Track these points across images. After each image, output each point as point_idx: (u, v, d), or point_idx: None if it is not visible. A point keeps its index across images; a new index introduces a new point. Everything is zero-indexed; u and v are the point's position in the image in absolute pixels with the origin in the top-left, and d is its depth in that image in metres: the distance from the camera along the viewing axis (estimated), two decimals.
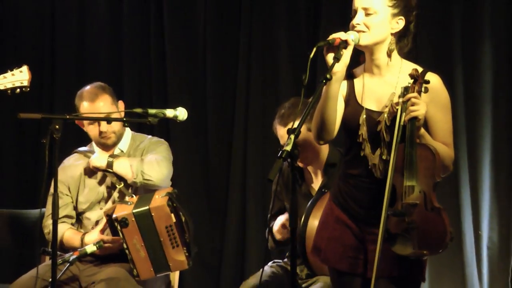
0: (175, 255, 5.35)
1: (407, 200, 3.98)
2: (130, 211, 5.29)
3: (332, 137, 4.23)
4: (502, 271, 6.48)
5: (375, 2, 4.13)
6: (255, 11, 7.25)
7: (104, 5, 7.67)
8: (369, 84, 4.23)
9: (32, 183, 7.45)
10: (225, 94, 7.36)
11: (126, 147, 5.76)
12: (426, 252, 4.00)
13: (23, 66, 5.52)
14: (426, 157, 4.02)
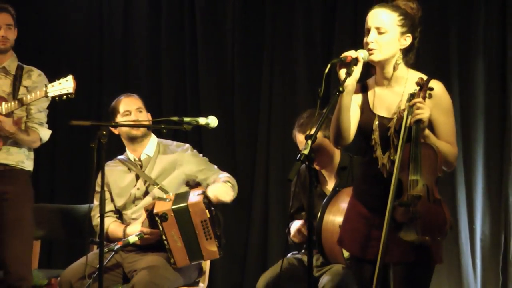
0: (208, 246, 5.38)
1: (412, 192, 4.01)
2: (169, 207, 5.31)
3: (348, 142, 4.27)
4: (494, 261, 6.47)
5: (386, 22, 4.15)
6: (277, 32, 7.26)
7: (145, 24, 7.69)
8: (380, 94, 4.26)
9: (82, 182, 7.45)
10: (250, 104, 7.37)
11: (152, 152, 5.78)
12: (428, 238, 4.03)
13: (69, 75, 5.57)
14: (429, 155, 4.06)
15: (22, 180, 5.98)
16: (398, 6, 4.20)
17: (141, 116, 5.72)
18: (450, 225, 4.09)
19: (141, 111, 5.73)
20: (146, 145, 5.74)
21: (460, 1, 6.64)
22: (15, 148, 5.92)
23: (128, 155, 5.82)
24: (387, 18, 4.16)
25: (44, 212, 6.56)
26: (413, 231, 4.02)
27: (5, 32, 5.97)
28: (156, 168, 5.72)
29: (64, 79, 5.56)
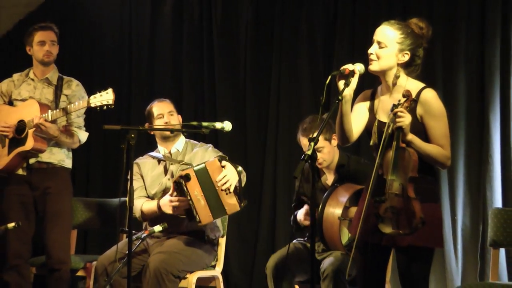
0: (228, 199, 5.31)
1: (389, 191, 4.03)
2: (191, 168, 5.31)
3: (352, 141, 4.30)
4: (473, 248, 6.46)
5: (387, 38, 4.15)
6: (284, 48, 7.27)
7: (168, 39, 7.70)
8: (383, 100, 4.27)
9: (113, 179, 7.48)
10: (260, 111, 7.37)
11: (181, 147, 5.77)
12: (401, 231, 4.04)
13: (109, 88, 5.58)
14: (404, 158, 4.05)
15: (63, 176, 6.01)
16: (404, 25, 4.20)
17: (172, 119, 5.72)
18: (420, 221, 4.03)
19: (172, 114, 5.73)
20: (176, 142, 5.75)
21: (444, 21, 6.64)
22: (57, 149, 5.95)
23: (159, 150, 5.82)
24: (389, 34, 4.16)
25: (80, 205, 6.59)
26: (389, 225, 4.05)
27: (50, 47, 6.00)
28: (185, 159, 5.72)
29: (105, 92, 5.56)
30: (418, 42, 4.21)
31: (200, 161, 5.62)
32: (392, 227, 4.03)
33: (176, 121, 5.73)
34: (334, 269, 5.08)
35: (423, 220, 4.04)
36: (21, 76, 6.13)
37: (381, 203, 4.03)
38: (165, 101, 5.82)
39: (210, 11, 7.52)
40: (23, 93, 6.03)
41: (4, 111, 6.02)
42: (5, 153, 5.89)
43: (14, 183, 5.96)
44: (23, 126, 5.81)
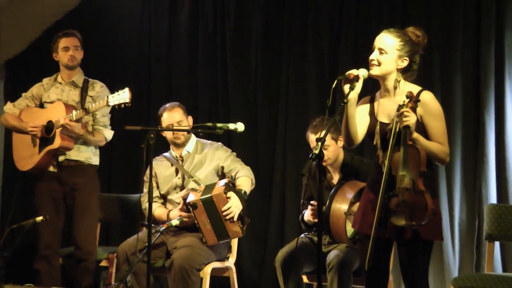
0: (232, 227, 5.41)
1: (400, 185, 4.04)
2: (198, 198, 5.36)
3: (357, 143, 4.32)
4: (469, 242, 6.44)
5: (387, 45, 4.18)
6: (292, 53, 7.26)
7: (185, 45, 7.69)
8: (383, 103, 4.29)
9: (133, 175, 7.47)
10: (270, 112, 7.35)
11: (191, 149, 5.80)
12: (414, 223, 4.04)
13: (126, 88, 5.60)
14: (414, 154, 4.07)
15: (90, 173, 6.04)
16: (403, 33, 4.23)
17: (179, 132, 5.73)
18: (432, 212, 4.06)
19: (181, 123, 5.74)
20: (187, 144, 5.77)
21: (442, 28, 6.63)
22: (84, 147, 5.98)
23: (171, 153, 5.85)
24: (389, 42, 4.19)
25: (103, 200, 6.59)
26: (402, 217, 4.05)
27: (73, 52, 6.03)
28: (194, 161, 5.76)
29: (122, 91, 5.59)
30: (415, 49, 4.24)
31: (210, 161, 5.70)
32: (405, 219, 4.04)
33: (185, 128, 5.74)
34: (339, 260, 5.09)
35: (434, 211, 4.08)
36: (50, 80, 6.17)
37: (393, 198, 4.04)
38: (175, 110, 5.79)
39: (224, 20, 7.52)
40: (52, 96, 6.07)
41: (35, 113, 6.07)
42: (36, 152, 5.94)
43: (45, 179, 6.00)
44: (51, 126, 5.86)
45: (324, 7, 7.15)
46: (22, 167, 6.07)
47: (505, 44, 6.43)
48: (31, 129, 5.91)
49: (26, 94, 6.18)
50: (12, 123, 6.10)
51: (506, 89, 6.40)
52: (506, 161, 6.37)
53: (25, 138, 6.03)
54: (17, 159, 6.13)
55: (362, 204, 4.36)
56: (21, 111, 6.11)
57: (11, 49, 8.41)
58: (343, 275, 5.08)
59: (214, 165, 5.73)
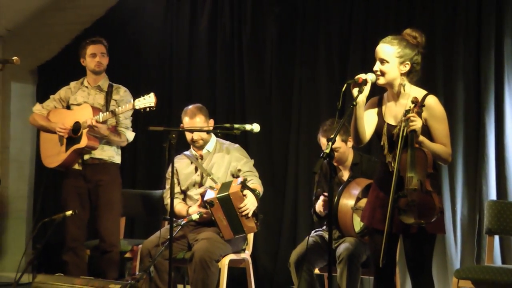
0: (247, 223, 5.43)
1: (409, 186, 4.03)
2: (215, 196, 5.38)
3: (365, 142, 4.32)
4: (470, 236, 6.43)
5: (387, 55, 4.18)
6: (304, 59, 7.25)
7: (204, 53, 7.70)
8: (390, 106, 4.29)
9: (157, 173, 7.50)
10: (284, 114, 7.35)
11: (211, 148, 5.82)
12: (423, 221, 4.04)
13: (151, 93, 5.63)
14: (421, 157, 4.07)
15: (113, 170, 6.06)
16: (400, 39, 4.21)
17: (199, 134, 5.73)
18: (439, 211, 4.08)
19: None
20: (207, 143, 5.77)
21: (444, 35, 6.61)
22: (108, 146, 6.00)
23: (191, 151, 5.86)
24: (388, 51, 4.18)
25: (128, 196, 6.62)
26: (411, 216, 4.05)
27: (100, 59, 6.05)
28: (213, 160, 5.76)
29: (148, 96, 5.61)
30: (415, 51, 4.22)
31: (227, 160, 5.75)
32: (414, 218, 4.03)
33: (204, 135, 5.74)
34: (348, 253, 5.09)
35: (441, 210, 4.10)
36: (77, 84, 6.19)
37: (401, 198, 4.03)
38: (196, 116, 5.76)
39: (241, 27, 7.52)
40: (79, 99, 6.09)
41: (62, 114, 6.09)
42: (63, 150, 5.96)
43: (71, 176, 6.03)
44: (78, 127, 5.88)
45: (334, 16, 7.14)
46: (48, 164, 6.11)
47: (504, 50, 6.41)
48: (59, 130, 5.94)
49: (54, 96, 6.21)
50: (40, 123, 6.13)
51: (505, 93, 6.38)
52: (505, 160, 6.36)
53: (52, 137, 6.05)
54: (44, 157, 6.16)
55: (371, 201, 4.36)
56: (49, 112, 6.15)
57: (43, 55, 8.45)
58: (352, 267, 5.08)
59: (232, 166, 5.73)
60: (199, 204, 5.59)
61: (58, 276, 4.29)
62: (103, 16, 8.16)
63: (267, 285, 7.21)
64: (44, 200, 7.43)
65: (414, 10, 6.78)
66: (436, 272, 6.42)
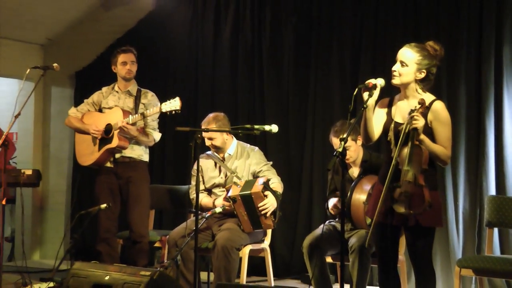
0: (266, 220, 5.44)
1: (404, 179, 4.05)
2: (237, 193, 5.37)
3: (374, 140, 4.33)
4: (471, 228, 6.39)
5: (408, 59, 4.18)
6: (319, 65, 7.24)
7: (227, 61, 7.69)
8: (400, 105, 4.28)
9: (183, 170, 7.51)
10: (300, 116, 7.34)
11: (232, 151, 5.77)
12: (412, 212, 4.07)
13: (177, 97, 5.62)
14: (418, 153, 4.08)
15: (142, 168, 6.06)
16: (422, 48, 4.22)
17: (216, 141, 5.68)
18: (428, 204, 4.08)
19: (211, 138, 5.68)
20: (228, 147, 5.75)
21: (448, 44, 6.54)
22: (137, 146, 6.01)
23: (214, 153, 5.83)
24: (410, 56, 4.18)
25: (157, 190, 6.62)
26: (402, 206, 4.07)
27: (130, 66, 6.06)
28: (235, 163, 5.73)
29: (173, 100, 5.61)
30: (433, 62, 4.22)
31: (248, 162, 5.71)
32: (404, 208, 4.05)
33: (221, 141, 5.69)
34: (359, 244, 5.07)
35: (430, 204, 4.08)
36: (108, 89, 6.20)
37: (397, 188, 4.05)
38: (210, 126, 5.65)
39: (261, 36, 7.52)
40: (110, 102, 6.10)
41: (95, 116, 6.11)
42: (96, 150, 5.98)
43: (104, 173, 6.04)
44: (110, 128, 5.89)
45: (346, 26, 7.13)
46: (83, 162, 6.13)
47: (503, 57, 6.37)
48: (93, 131, 5.96)
49: (88, 100, 6.24)
50: (75, 125, 6.16)
51: (504, 96, 6.34)
52: (504, 158, 6.32)
53: (86, 138, 6.07)
54: (78, 156, 6.18)
55: (374, 196, 4.37)
56: (83, 115, 6.16)
57: (80, 62, 8.49)
58: (363, 257, 5.06)
59: (252, 169, 5.71)
60: (224, 197, 5.58)
61: (93, 263, 4.29)
62: (134, 27, 8.19)
63: (284, 272, 7.20)
64: (80, 194, 7.43)
65: (420, 21, 6.76)
66: (440, 261, 6.42)
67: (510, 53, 6.37)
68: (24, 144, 8.72)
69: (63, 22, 8.47)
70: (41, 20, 8.25)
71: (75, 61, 8.46)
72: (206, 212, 5.42)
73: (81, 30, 8.50)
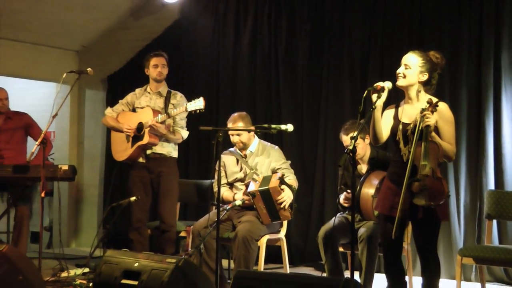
0: (284, 212, 5.42)
1: (422, 173, 4.02)
2: (256, 189, 5.37)
3: (382, 141, 4.31)
4: (472, 220, 6.38)
5: (411, 62, 4.20)
6: (331, 70, 7.23)
7: (246, 64, 7.69)
8: (406, 108, 4.27)
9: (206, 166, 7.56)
10: (313, 116, 7.33)
11: (254, 148, 5.76)
12: (432, 203, 4.04)
13: (201, 97, 5.62)
14: (434, 148, 4.07)
15: (171, 163, 6.08)
16: (425, 54, 4.24)
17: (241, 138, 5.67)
18: (447, 195, 4.10)
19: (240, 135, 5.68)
20: (250, 145, 5.75)
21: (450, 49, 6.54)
22: (166, 143, 6.03)
23: (236, 150, 5.83)
24: (413, 60, 4.20)
25: (182, 185, 6.62)
26: (422, 198, 4.05)
27: (161, 69, 6.08)
28: (256, 160, 5.72)
29: (198, 100, 5.62)
30: (434, 68, 4.23)
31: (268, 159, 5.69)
32: (425, 200, 4.03)
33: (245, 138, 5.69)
34: (368, 234, 5.05)
35: (448, 194, 4.10)
36: (141, 90, 6.22)
37: (415, 183, 4.03)
38: (237, 123, 5.66)
39: (277, 41, 7.52)
40: (142, 103, 6.12)
41: (128, 116, 6.13)
42: (130, 147, 6.00)
43: (136, 168, 6.06)
44: (142, 127, 5.90)
45: (356, 33, 7.11)
46: (118, 158, 6.15)
47: (502, 61, 6.36)
48: (126, 129, 5.98)
49: (122, 101, 6.25)
50: (111, 123, 6.17)
51: (502, 98, 6.33)
52: (502, 155, 6.30)
53: (120, 135, 6.09)
54: (114, 152, 6.20)
55: (383, 191, 4.35)
56: (118, 114, 6.18)
57: (112, 67, 8.52)
58: (371, 246, 5.04)
59: (272, 165, 5.70)
60: (244, 192, 5.58)
61: (124, 251, 4.31)
62: (161, 34, 8.21)
63: (298, 260, 7.21)
64: (112, 188, 7.47)
65: (424, 28, 6.73)
66: (443, 251, 6.38)
67: (508, 58, 6.35)
68: (60, 142, 8.78)
69: (96, 31, 8.51)
70: (76, 29, 8.31)
71: (107, 66, 8.50)
72: (227, 204, 5.44)
73: (112, 38, 8.54)
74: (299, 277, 3.83)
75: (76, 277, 5.83)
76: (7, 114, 6.79)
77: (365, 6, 7.07)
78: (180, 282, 3.94)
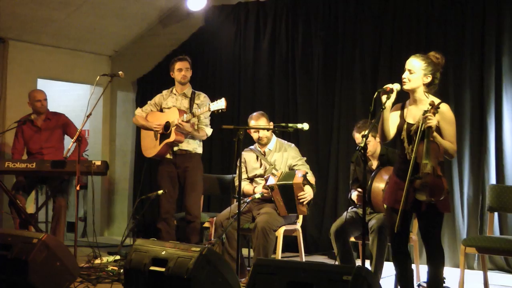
0: (301, 207, 5.42)
1: (424, 171, 4.00)
2: (275, 183, 5.36)
3: (389, 139, 4.28)
4: (475, 212, 6.34)
5: (415, 67, 4.17)
6: (344, 73, 7.20)
7: (265, 67, 7.68)
8: (411, 109, 4.25)
9: (228, 161, 7.55)
10: (327, 115, 7.30)
11: (272, 146, 5.76)
12: (433, 199, 4.02)
13: (222, 98, 5.61)
14: (434, 148, 4.04)
15: (196, 159, 6.09)
16: (426, 57, 4.20)
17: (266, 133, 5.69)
18: (446, 192, 4.06)
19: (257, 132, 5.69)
20: (269, 143, 5.74)
21: (454, 53, 6.52)
22: (192, 140, 6.03)
23: (256, 147, 5.83)
24: (416, 64, 4.17)
25: (206, 179, 6.62)
26: (424, 194, 4.03)
27: (185, 73, 6.08)
28: (274, 157, 5.72)
29: (220, 100, 5.61)
30: (436, 68, 4.20)
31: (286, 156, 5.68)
32: (426, 196, 4.02)
33: (266, 133, 5.69)
34: (378, 225, 5.03)
35: (448, 191, 4.06)
36: (167, 92, 6.23)
37: (417, 179, 4.01)
38: (259, 120, 5.70)
39: (294, 47, 7.50)
40: (169, 103, 6.13)
41: (157, 115, 6.14)
42: (158, 144, 6.02)
43: (164, 163, 6.07)
44: (169, 125, 5.91)
45: (367, 39, 7.09)
46: (147, 154, 6.16)
47: (503, 65, 6.32)
48: (155, 128, 6.00)
49: (151, 102, 6.27)
50: (141, 122, 6.19)
51: (503, 99, 6.28)
52: (503, 152, 6.25)
53: (149, 134, 6.11)
54: (143, 149, 6.22)
55: (390, 185, 4.35)
56: (147, 114, 6.20)
57: (141, 70, 8.55)
58: (381, 236, 5.02)
59: (287, 159, 5.69)
60: (263, 186, 5.57)
61: (152, 240, 4.32)
62: (187, 40, 8.22)
63: (313, 249, 7.19)
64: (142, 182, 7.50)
65: (431, 34, 6.69)
66: (447, 241, 6.36)
67: (508, 62, 6.31)
68: (94, 140, 8.82)
69: (128, 37, 8.54)
70: (109, 35, 8.35)
71: (137, 69, 8.53)
72: (247, 197, 5.44)
73: (142, 44, 8.57)
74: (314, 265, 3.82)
75: (108, 264, 5.86)
76: (46, 115, 6.84)
77: (375, 14, 7.05)
78: (204, 269, 3.95)
